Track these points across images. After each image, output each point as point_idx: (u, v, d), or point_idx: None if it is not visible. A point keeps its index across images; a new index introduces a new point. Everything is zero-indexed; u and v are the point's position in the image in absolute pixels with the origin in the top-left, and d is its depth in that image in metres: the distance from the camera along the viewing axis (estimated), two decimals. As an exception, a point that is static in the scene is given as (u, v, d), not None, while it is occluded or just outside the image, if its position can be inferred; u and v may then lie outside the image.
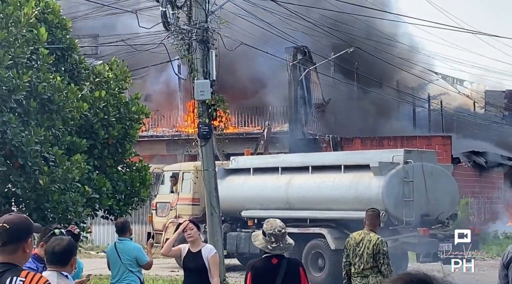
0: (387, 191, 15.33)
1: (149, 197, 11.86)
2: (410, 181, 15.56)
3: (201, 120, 13.70)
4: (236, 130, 27.89)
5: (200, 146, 13.81)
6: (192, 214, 18.98)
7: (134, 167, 11.34)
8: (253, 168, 18.19)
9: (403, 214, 15.32)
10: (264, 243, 5.98)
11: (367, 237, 8.25)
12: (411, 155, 16.05)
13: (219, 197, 14.18)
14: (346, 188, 15.98)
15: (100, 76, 11.14)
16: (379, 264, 8.12)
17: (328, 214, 16.40)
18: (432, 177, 16.07)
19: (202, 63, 13.56)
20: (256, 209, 17.71)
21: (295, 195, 16.94)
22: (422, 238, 15.19)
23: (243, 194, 17.84)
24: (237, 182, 18.20)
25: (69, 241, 4.79)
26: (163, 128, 29.52)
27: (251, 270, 6.05)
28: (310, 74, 27.18)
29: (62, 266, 4.67)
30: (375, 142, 26.05)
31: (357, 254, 8.26)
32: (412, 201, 15.48)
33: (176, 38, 13.55)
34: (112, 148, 10.95)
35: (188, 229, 7.60)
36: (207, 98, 13.49)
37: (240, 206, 17.86)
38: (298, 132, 26.97)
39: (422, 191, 15.76)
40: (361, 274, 8.23)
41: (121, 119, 11.07)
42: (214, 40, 13.61)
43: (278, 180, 17.42)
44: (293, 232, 16.99)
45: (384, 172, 15.46)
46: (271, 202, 17.35)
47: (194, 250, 7.54)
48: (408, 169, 15.64)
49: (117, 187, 10.72)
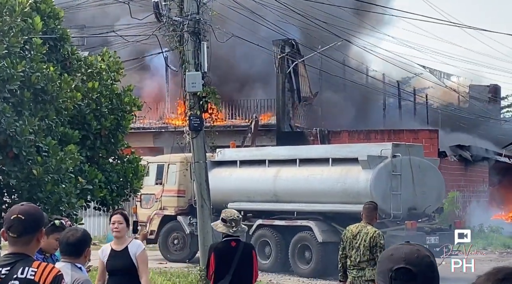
0: (375, 185, 15.38)
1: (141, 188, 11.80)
2: (398, 174, 15.64)
3: (192, 112, 13.68)
4: (223, 123, 27.87)
5: (191, 138, 13.79)
6: (177, 206, 18.97)
7: (126, 159, 11.30)
8: (240, 160, 18.18)
9: (391, 208, 15.40)
10: (225, 228, 7.06)
11: (364, 230, 8.30)
12: (399, 148, 16.12)
13: (209, 189, 14.16)
14: (334, 181, 16.00)
15: (92, 67, 11.07)
16: (375, 257, 8.16)
17: (315, 207, 16.42)
18: (419, 170, 16.14)
19: (194, 55, 13.53)
20: (243, 202, 17.72)
21: (283, 188, 16.94)
22: (409, 231, 15.27)
23: (230, 186, 17.81)
24: (224, 174, 18.17)
25: (83, 232, 4.76)
26: (150, 120, 29.43)
27: (214, 251, 7.12)
28: (298, 67, 27.19)
29: (76, 257, 4.63)
30: (363, 135, 26.13)
31: (354, 247, 8.30)
32: (399, 195, 15.57)
33: (168, 29, 13.51)
34: (104, 139, 10.90)
35: (116, 223, 6.78)
36: (198, 90, 13.46)
37: (227, 198, 17.82)
38: (285, 125, 26.99)
39: (410, 184, 15.85)
40: (357, 267, 8.28)
41: (113, 110, 11.01)
42: (206, 32, 13.58)
43: (265, 172, 17.41)
44: (280, 224, 17.05)
45: (372, 165, 15.50)
46: (258, 195, 17.36)
47: (118, 248, 6.76)
48: (396, 162, 15.71)
49: (110, 178, 10.67)
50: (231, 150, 19.60)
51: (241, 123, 28.36)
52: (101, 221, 24.89)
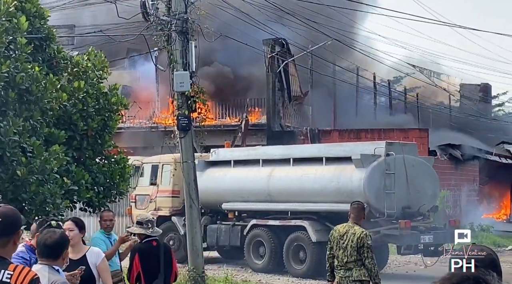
0: (369, 183, 15.27)
1: (128, 190, 11.71)
2: (392, 173, 15.52)
3: (180, 112, 13.61)
4: (214, 122, 27.81)
5: (179, 138, 13.72)
6: (172, 206, 18.80)
7: (113, 159, 11.20)
8: (234, 160, 18.01)
9: (385, 206, 15.29)
10: (143, 230, 7.44)
11: (351, 230, 8.24)
12: (393, 147, 16.00)
13: (198, 189, 14.10)
14: (328, 181, 15.86)
15: (79, 66, 10.98)
16: (363, 258, 8.12)
17: (309, 206, 16.28)
18: (413, 169, 16.01)
19: (182, 54, 13.46)
20: (237, 202, 17.60)
21: (276, 188, 16.82)
22: (403, 230, 15.12)
23: (224, 186, 17.68)
24: (218, 174, 18.04)
25: (61, 234, 4.69)
26: (140, 120, 29.32)
27: (138, 252, 7.39)
28: (288, 66, 27.15)
29: (54, 259, 4.57)
30: (353, 134, 26.12)
31: (341, 247, 8.25)
32: (393, 194, 15.45)
33: (156, 29, 13.44)
34: (91, 139, 10.81)
35: (67, 230, 6.13)
36: (186, 90, 13.39)
37: (221, 198, 17.71)
38: (275, 124, 26.94)
39: (403, 183, 15.72)
40: (344, 267, 8.23)
41: (100, 110, 10.92)
42: (193, 31, 13.51)
43: (259, 172, 17.27)
44: (274, 224, 16.86)
45: (365, 164, 15.39)
46: (252, 195, 17.23)
47: (75, 257, 6.22)
48: (390, 161, 15.59)
49: (96, 179, 10.59)
50: (225, 150, 19.43)
51: (231, 123, 28.31)
52: (90, 222, 24.78)
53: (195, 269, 13.02)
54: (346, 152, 16.04)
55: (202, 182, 17.95)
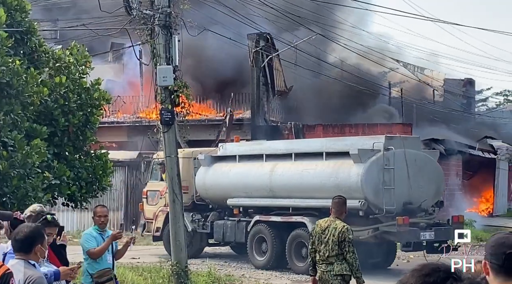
0: (366, 179, 14.87)
1: (110, 185, 11.63)
2: (391, 168, 15.04)
3: (164, 106, 13.56)
4: (198, 117, 27.75)
5: (162, 132, 13.67)
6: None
7: (94, 155, 11.14)
8: (239, 155, 17.58)
9: (383, 203, 14.87)
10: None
11: (332, 225, 8.26)
12: (393, 141, 15.47)
13: (181, 183, 14.07)
14: (327, 176, 15.45)
15: (60, 61, 10.91)
16: (344, 252, 8.13)
17: (310, 202, 15.85)
18: (415, 164, 15.50)
19: (165, 49, 13.40)
20: (241, 197, 17.23)
21: (278, 183, 16.39)
22: (401, 227, 14.65)
23: (229, 182, 17.31)
24: (223, 169, 17.65)
25: (33, 228, 4.66)
26: (124, 115, 29.21)
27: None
28: (272, 61, 27.14)
29: (26, 253, 4.54)
30: (337, 129, 26.17)
31: (323, 241, 8.26)
32: (393, 189, 14.99)
33: (139, 23, 13.37)
34: (72, 135, 10.75)
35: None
36: (169, 84, 13.33)
37: (226, 194, 17.34)
38: (260, 119, 26.94)
39: (404, 178, 15.22)
40: (326, 261, 8.24)
41: (82, 105, 10.86)
42: (177, 26, 13.46)
43: (262, 167, 16.87)
44: (276, 220, 16.46)
45: (363, 159, 14.96)
46: (255, 190, 16.83)
47: None
48: (389, 156, 15.10)
49: (79, 174, 10.54)
50: (232, 145, 18.91)
51: (215, 117, 28.28)
52: (74, 217, 24.70)
53: (178, 264, 12.99)
54: (347, 146, 15.57)
55: (208, 178, 17.82)
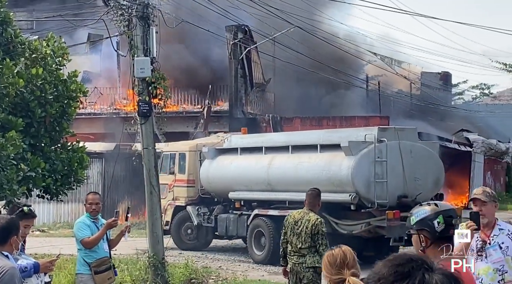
0: (357, 172, 14.46)
1: (86, 178, 11.56)
2: (383, 160, 14.56)
3: (141, 98, 13.51)
4: (176, 109, 27.69)
5: (140, 124, 13.63)
6: (187, 196, 18.33)
7: (70, 147, 11.04)
8: (241, 148, 17.24)
9: (375, 196, 14.45)
10: None
11: (306, 217, 8.26)
12: (386, 133, 14.98)
13: (158, 175, 14.03)
14: (320, 169, 15.06)
15: (37, 52, 10.81)
16: (317, 244, 8.14)
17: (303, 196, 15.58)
18: (411, 155, 14.98)
19: (142, 40, 13.34)
20: (242, 191, 16.97)
21: (275, 176, 16.09)
22: (391, 221, 14.16)
23: (231, 175, 17.04)
24: (225, 162, 17.39)
25: (8, 220, 4.66)
26: (101, 106, 29.06)
27: None
28: (250, 53, 27.13)
29: (1, 244, 4.53)
30: (315, 122, 26.27)
31: (295, 233, 8.25)
32: (385, 182, 14.52)
33: (116, 13, 13.30)
34: (49, 127, 10.66)
35: None
36: (147, 76, 13.28)
37: (228, 187, 17.09)
38: (238, 111, 26.95)
39: (398, 171, 14.72)
40: (298, 253, 8.24)
41: (58, 97, 10.76)
42: (154, 17, 13.41)
43: (261, 160, 16.52)
44: (273, 214, 16.09)
45: (354, 152, 14.53)
46: (254, 184, 16.56)
47: None
48: (382, 148, 14.61)
49: (54, 166, 10.46)
50: (236, 137, 18.48)
51: (193, 109, 28.23)
52: (50, 208, 24.55)
53: (155, 256, 12.97)
54: (339, 138, 15.15)
55: (212, 171, 17.52)
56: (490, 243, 5.29)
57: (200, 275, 13.90)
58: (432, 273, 1.78)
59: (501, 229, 5.34)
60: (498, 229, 5.33)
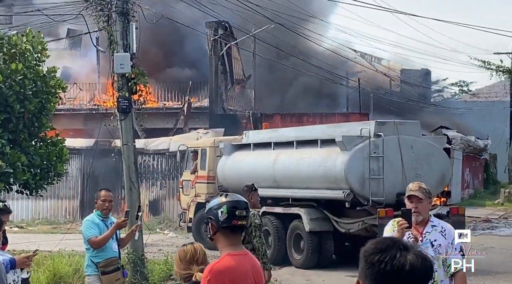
0: (350, 168, 13.75)
1: (66, 172, 11.52)
2: (380, 156, 13.79)
3: (121, 94, 13.47)
4: (156, 105, 27.62)
5: (119, 120, 13.59)
6: (207, 192, 17.92)
7: (49, 141, 11.00)
8: (253, 143, 16.69)
9: (369, 193, 13.68)
10: None
11: None
12: (384, 127, 14.13)
13: (138, 171, 14.01)
14: (317, 165, 14.47)
15: (16, 47, 10.74)
16: (251, 237, 8.06)
17: (305, 193, 14.93)
18: (412, 151, 14.12)
19: (122, 36, 13.29)
20: None
21: (280, 173, 15.55)
22: (383, 220, 12.98)
23: (243, 171, 16.48)
24: (239, 158, 16.82)
25: None
26: (80, 102, 28.90)
27: None
28: (231, 50, 27.12)
29: None
30: (295, 118, 26.32)
31: None
32: (382, 179, 13.77)
33: (95, 9, 13.24)
34: (28, 122, 10.61)
35: None
36: (127, 72, 13.24)
37: (241, 184, 16.47)
38: (218, 108, 26.93)
39: (398, 167, 13.92)
40: None
41: (37, 92, 10.71)
42: (134, 12, 13.36)
43: (269, 156, 15.98)
44: (278, 212, 15.63)
45: (349, 147, 13.82)
46: (262, 180, 15.73)
47: None
48: (378, 142, 13.82)
49: (33, 161, 10.41)
50: (254, 133, 17.87)
51: (173, 105, 28.17)
52: (29, 205, 24.40)
53: (135, 252, 12.95)
54: (343, 133, 14.35)
55: (227, 167, 17.00)
56: (422, 240, 5.07)
57: (180, 271, 13.89)
58: (406, 252, 2.03)
59: (434, 226, 5.15)
60: (430, 226, 5.14)
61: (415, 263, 2.01)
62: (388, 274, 1.99)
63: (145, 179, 25.06)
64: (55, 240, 16.28)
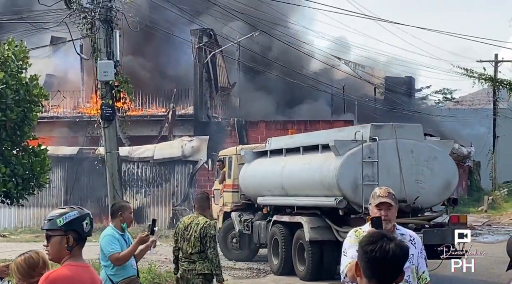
0: (342, 174, 13.04)
1: (48, 182, 11.40)
2: (374, 161, 12.97)
3: (104, 101, 13.41)
4: (140, 112, 27.54)
5: (103, 128, 13.53)
6: (233, 201, 17.38)
7: (31, 151, 10.89)
8: (270, 150, 16.04)
9: (362, 200, 12.61)
10: None
11: (195, 221, 8.10)
12: (381, 131, 13.33)
13: (122, 179, 13.94)
14: (315, 171, 13.87)
15: (-2, 55, 10.66)
16: (206, 248, 7.94)
17: (307, 200, 14.35)
18: (412, 155, 13.28)
19: (106, 43, 13.25)
20: (267, 196, 15.71)
21: (286, 180, 14.96)
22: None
23: (258, 179, 15.98)
24: (257, 166, 16.27)
25: None
26: (64, 109, 28.75)
27: None
28: (215, 57, 27.10)
29: None
30: (279, 126, 26.31)
31: (185, 238, 8.07)
32: (376, 185, 12.11)
33: (78, 16, 13.19)
34: (10, 131, 10.50)
35: None
36: (110, 79, 13.20)
37: (257, 192, 16.06)
38: (203, 115, 26.88)
39: (395, 172, 13.07)
40: (188, 259, 8.06)
41: (20, 101, 10.60)
42: (118, 20, 13.33)
43: (280, 163, 15.33)
44: (284, 220, 15.07)
45: (342, 151, 13.14)
46: (273, 188, 15.29)
47: None
48: (373, 147, 13.05)
49: (15, 170, 10.31)
50: (275, 139, 16.86)
51: (157, 113, 28.08)
52: (11, 213, 24.20)
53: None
54: (343, 138, 13.71)
55: (247, 175, 16.46)
56: None
57: (164, 279, 13.81)
58: (389, 242, 2.85)
59: (402, 234, 4.80)
60: (399, 234, 4.78)
61: (396, 251, 2.83)
62: (377, 259, 2.83)
63: (129, 187, 24.95)
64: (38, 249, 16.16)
